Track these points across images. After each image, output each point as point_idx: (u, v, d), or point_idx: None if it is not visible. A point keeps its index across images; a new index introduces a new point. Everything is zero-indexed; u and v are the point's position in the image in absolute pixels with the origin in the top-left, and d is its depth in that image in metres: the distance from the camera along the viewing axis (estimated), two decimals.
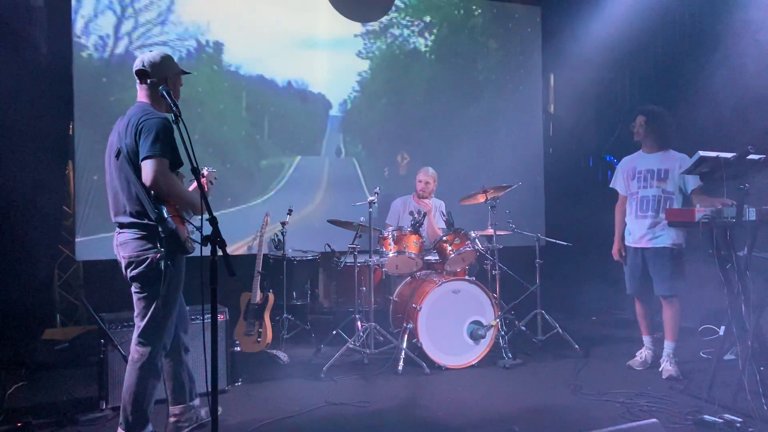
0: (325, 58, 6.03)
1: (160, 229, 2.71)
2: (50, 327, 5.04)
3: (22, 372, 4.17)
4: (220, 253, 2.32)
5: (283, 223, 5.12)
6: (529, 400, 3.71)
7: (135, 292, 2.86)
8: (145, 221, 2.77)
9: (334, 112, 6.12)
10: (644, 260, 4.18)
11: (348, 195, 5.85)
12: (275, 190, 5.84)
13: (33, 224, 4.99)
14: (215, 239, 2.29)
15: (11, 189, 4.75)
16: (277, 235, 5.27)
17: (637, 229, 4.20)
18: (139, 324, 2.86)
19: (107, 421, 3.32)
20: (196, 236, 2.84)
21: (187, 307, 3.85)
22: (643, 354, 4.35)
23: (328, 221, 5.04)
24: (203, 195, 2.41)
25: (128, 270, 2.82)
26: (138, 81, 2.90)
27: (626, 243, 4.30)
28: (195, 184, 3.02)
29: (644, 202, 4.17)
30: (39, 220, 5.03)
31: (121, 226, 2.83)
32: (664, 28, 6.19)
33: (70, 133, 5.10)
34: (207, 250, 2.33)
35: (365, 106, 6.25)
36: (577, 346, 4.80)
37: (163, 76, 2.87)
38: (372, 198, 4.60)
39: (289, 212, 5.17)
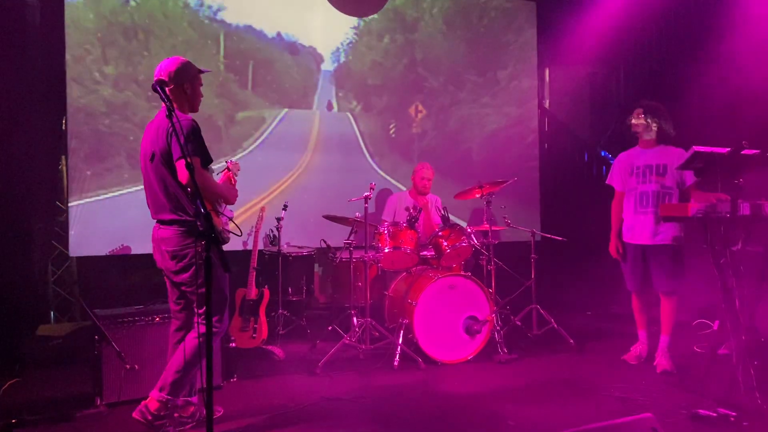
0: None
1: (198, 223, 2.74)
2: (44, 323, 5.01)
3: (16, 368, 4.15)
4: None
5: (278, 219, 5.11)
6: (525, 395, 3.72)
7: (186, 287, 3.09)
8: (185, 217, 2.99)
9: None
10: (645, 256, 4.17)
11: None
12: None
13: (26, 220, 4.97)
14: (209, 235, 2.28)
15: (3, 185, 4.73)
16: (272, 231, 5.26)
17: (638, 225, 4.17)
18: (200, 312, 3.00)
19: (102, 418, 3.31)
20: (230, 226, 3.16)
21: None
22: (638, 348, 4.37)
23: (323, 216, 5.03)
24: (197, 190, 2.43)
25: (173, 262, 3.03)
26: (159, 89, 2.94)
27: (625, 239, 4.28)
28: (223, 176, 3.27)
29: (643, 198, 4.16)
30: (32, 215, 5.01)
31: (162, 222, 3.05)
32: (659, 24, 6.20)
33: (63, 128, 5.06)
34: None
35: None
36: (572, 341, 4.81)
37: (181, 82, 3.05)
38: (368, 193, 4.59)
39: (285, 207, 5.16)
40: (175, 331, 3.26)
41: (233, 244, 5.31)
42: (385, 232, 4.59)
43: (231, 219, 3.17)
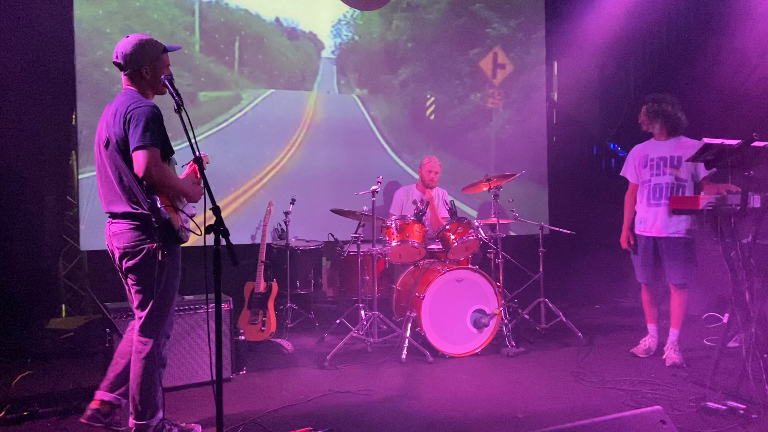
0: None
1: (153, 219, 2.69)
2: (55, 317, 5.06)
3: (27, 361, 4.20)
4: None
5: (286, 213, 5.12)
6: (533, 388, 3.72)
7: (132, 284, 2.83)
8: (139, 211, 2.73)
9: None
10: (657, 248, 4.15)
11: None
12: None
13: (37, 214, 5.01)
14: (219, 228, 2.29)
15: (15, 180, 4.77)
16: (280, 225, 5.27)
17: (651, 217, 4.15)
18: (140, 315, 2.84)
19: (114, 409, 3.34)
20: (190, 224, 2.87)
21: (191, 297, 3.89)
22: (648, 342, 4.35)
23: (330, 210, 5.03)
24: (206, 184, 2.40)
25: (123, 261, 2.79)
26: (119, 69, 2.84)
27: (637, 231, 4.26)
28: (187, 170, 3.01)
29: (657, 190, 4.13)
30: (43, 210, 5.05)
31: (114, 216, 2.80)
32: (669, 14, 6.14)
33: (73, 123, 5.09)
34: (210, 240, 2.32)
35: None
36: (580, 334, 4.80)
37: (138, 66, 2.78)
38: (375, 187, 4.59)
39: (292, 201, 5.17)
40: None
41: (241, 238, 5.38)
42: (393, 225, 4.59)
43: (191, 217, 2.88)
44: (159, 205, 2.69)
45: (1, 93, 4.65)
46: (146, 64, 2.79)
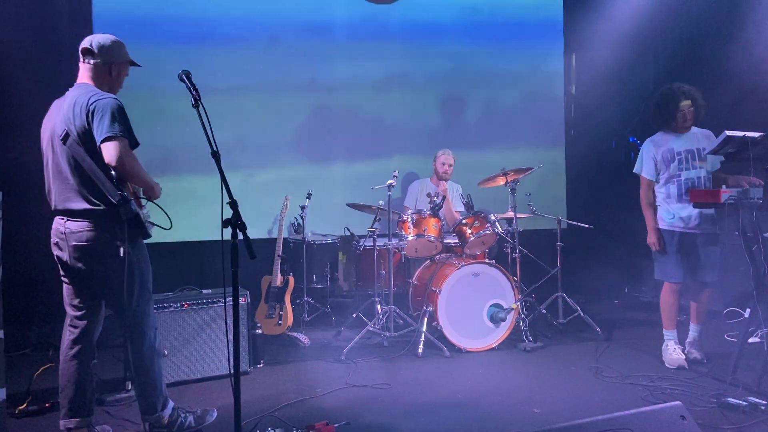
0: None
1: (121, 212, 2.64)
2: None
3: (49, 353, 4.27)
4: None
5: (303, 207, 5.14)
6: (550, 383, 3.70)
7: (102, 283, 2.76)
8: (102, 207, 2.66)
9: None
10: (693, 245, 3.93)
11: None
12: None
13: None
14: (236, 222, 2.29)
15: (36, 172, 4.81)
16: (296, 219, 5.29)
17: (687, 213, 3.91)
18: (120, 314, 2.80)
19: (133, 402, 3.37)
20: (161, 221, 2.83)
21: (209, 291, 3.93)
22: (677, 350, 4.02)
23: (347, 205, 5.04)
24: (223, 178, 2.39)
25: (84, 259, 2.69)
26: (81, 59, 2.80)
27: (669, 228, 3.99)
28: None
29: (689, 185, 3.90)
30: None
31: (72, 213, 2.69)
32: (689, 6, 6.04)
33: None
34: (227, 233, 2.33)
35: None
36: (598, 329, 4.76)
37: (108, 61, 2.78)
38: (391, 181, 4.59)
39: (309, 195, 5.18)
40: (72, 343, 2.82)
41: (258, 232, 5.41)
42: (409, 219, 4.58)
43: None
44: (129, 197, 2.67)
45: (7, 89, 4.69)
46: (116, 63, 2.81)
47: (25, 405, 3.29)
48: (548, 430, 2.14)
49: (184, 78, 2.60)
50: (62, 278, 2.85)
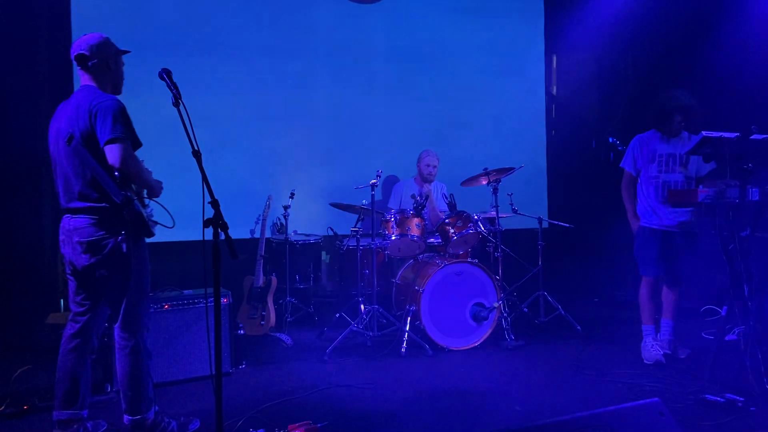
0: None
1: (125, 212, 2.69)
2: (54, 311, 5.05)
3: (27, 356, 4.20)
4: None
5: (286, 207, 5.12)
6: (532, 381, 3.73)
7: (102, 280, 2.77)
8: (103, 205, 2.71)
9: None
10: (672, 244, 4.01)
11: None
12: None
13: (36, 208, 4.99)
14: (217, 222, 2.28)
15: (13, 175, 4.76)
16: (279, 219, 5.27)
17: (666, 213, 3.99)
18: (116, 312, 2.82)
19: (112, 404, 3.35)
20: (163, 219, 2.89)
21: (190, 291, 3.90)
22: (655, 345, 4.06)
23: (330, 204, 5.03)
24: (205, 178, 2.37)
25: (86, 256, 2.72)
26: (78, 65, 2.82)
27: (647, 225, 4.07)
28: None
29: (666, 188, 3.97)
30: (42, 204, 5.03)
31: (75, 211, 2.75)
32: (668, 8, 6.12)
33: None
34: (209, 233, 2.31)
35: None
36: (579, 328, 4.81)
37: (103, 57, 2.82)
38: (374, 181, 4.59)
39: (292, 195, 5.16)
40: (72, 336, 2.86)
41: (240, 232, 5.38)
42: (392, 219, 4.59)
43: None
44: (133, 197, 2.71)
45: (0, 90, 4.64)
46: (111, 57, 2.85)
47: (2, 408, 3.23)
48: (529, 428, 2.15)
49: (164, 76, 2.58)
50: (67, 276, 2.87)
